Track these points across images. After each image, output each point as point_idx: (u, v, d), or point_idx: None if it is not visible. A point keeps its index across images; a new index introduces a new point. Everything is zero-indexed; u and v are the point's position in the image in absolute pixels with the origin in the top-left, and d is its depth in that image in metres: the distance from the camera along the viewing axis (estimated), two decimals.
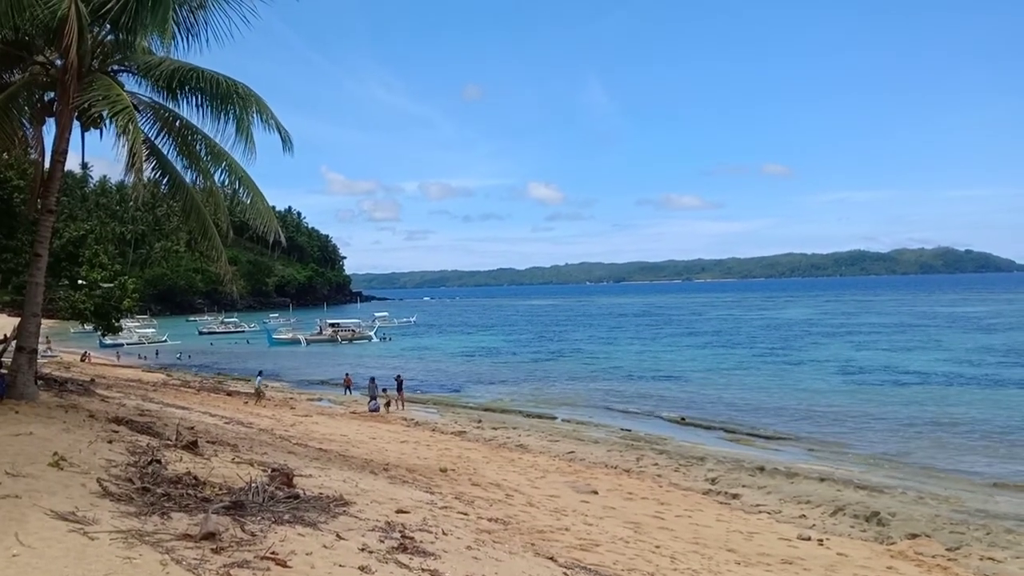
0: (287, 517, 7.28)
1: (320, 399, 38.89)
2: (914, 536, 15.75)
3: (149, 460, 8.83)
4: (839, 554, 13.83)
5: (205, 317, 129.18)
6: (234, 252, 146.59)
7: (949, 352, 57.57)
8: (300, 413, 29.93)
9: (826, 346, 66.58)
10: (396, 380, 35.73)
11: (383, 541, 7.29)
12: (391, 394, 34.78)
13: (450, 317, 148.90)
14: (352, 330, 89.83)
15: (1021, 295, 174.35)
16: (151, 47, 15.43)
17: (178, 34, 14.88)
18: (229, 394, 35.80)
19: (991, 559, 14.45)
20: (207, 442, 12.61)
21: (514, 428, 29.93)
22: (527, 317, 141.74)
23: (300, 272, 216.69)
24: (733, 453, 25.42)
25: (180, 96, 15.12)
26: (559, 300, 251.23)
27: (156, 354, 71.59)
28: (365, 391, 36.50)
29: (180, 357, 68.28)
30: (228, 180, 16.14)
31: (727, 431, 30.40)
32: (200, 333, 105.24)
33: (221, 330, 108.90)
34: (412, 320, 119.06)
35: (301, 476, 10.52)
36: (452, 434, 27.88)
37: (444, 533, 8.68)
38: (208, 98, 14.76)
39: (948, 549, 14.93)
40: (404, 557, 6.88)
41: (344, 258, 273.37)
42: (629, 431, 30.14)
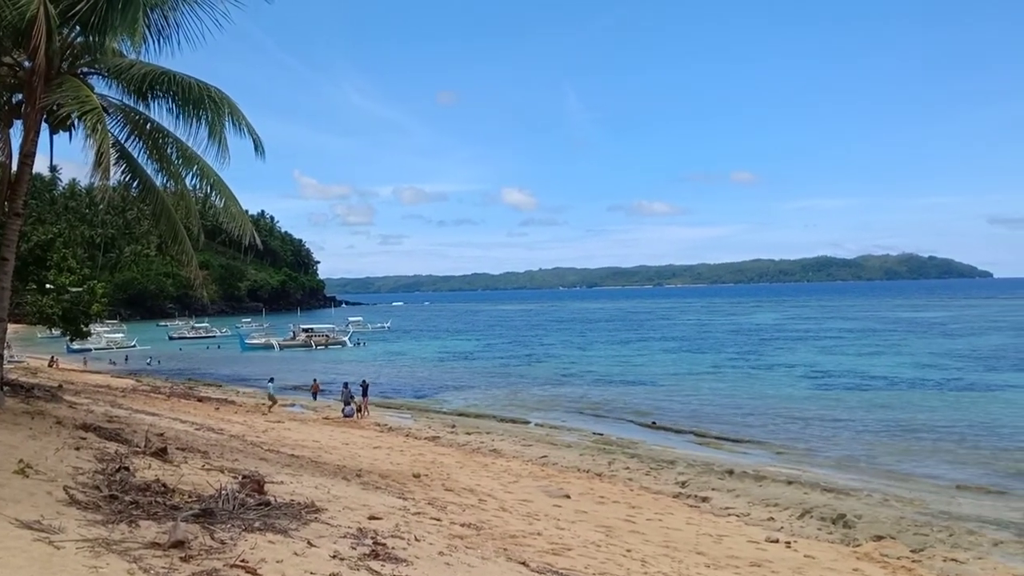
0: (258, 524, 7.27)
1: (293, 404, 38.62)
2: (879, 538, 15.99)
3: (117, 467, 8.77)
4: (806, 556, 14.00)
5: (176, 322, 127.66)
6: (206, 256, 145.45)
7: (912, 357, 58.47)
8: (272, 419, 29.72)
9: (793, 351, 67.33)
10: (361, 385, 35.51)
11: (355, 548, 7.29)
12: (356, 400, 34.63)
13: (424, 322, 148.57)
14: (326, 335, 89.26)
15: (981, 301, 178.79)
16: (121, 50, 15.31)
17: (149, 36, 14.76)
18: (200, 400, 35.45)
19: (954, 560, 14.71)
20: (177, 449, 12.53)
21: (488, 433, 29.95)
22: (501, 322, 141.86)
23: (273, 276, 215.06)
24: (703, 457, 25.66)
25: (151, 100, 15.01)
26: (532, 305, 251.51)
27: (125, 359, 70.74)
28: (338, 397, 36.32)
29: (150, 362, 67.50)
30: (200, 184, 16.03)
31: (697, 435, 30.64)
32: (170, 338, 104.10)
33: (192, 335, 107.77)
34: (386, 325, 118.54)
35: (272, 483, 10.49)
36: (426, 439, 27.83)
37: (416, 539, 8.69)
38: (180, 102, 14.66)
39: (912, 550, 15.18)
40: (376, 564, 6.89)
41: (318, 262, 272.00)
42: (601, 435, 30.30)
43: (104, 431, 12.99)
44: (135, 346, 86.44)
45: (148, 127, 15.68)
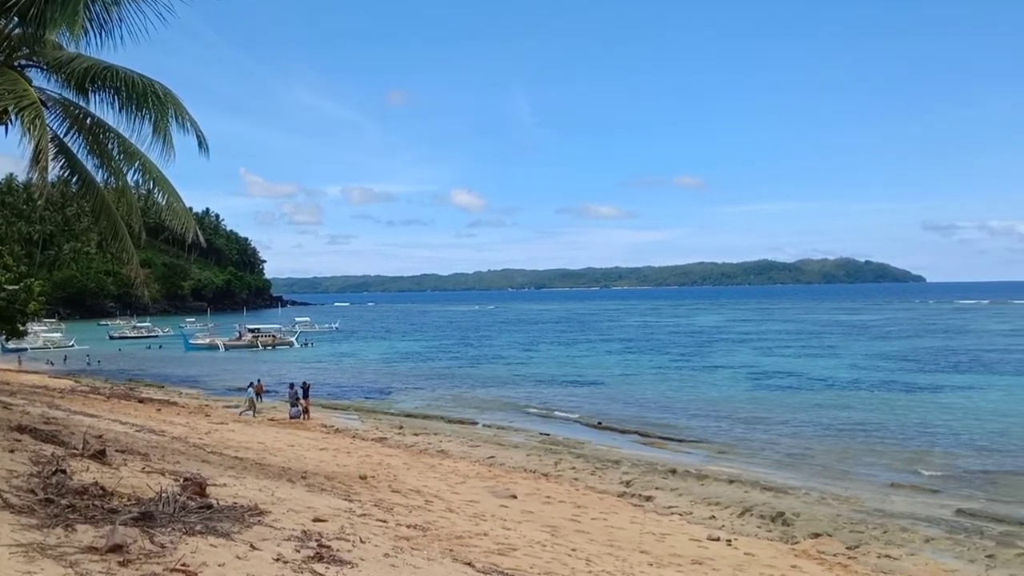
0: (199, 528, 7.18)
1: (237, 406, 38.04)
2: (817, 535, 16.41)
3: (53, 470, 8.58)
4: (746, 554, 14.30)
5: (117, 321, 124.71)
6: (148, 254, 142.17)
7: (849, 359, 59.97)
8: (216, 420, 29.26)
9: (735, 352, 68.53)
10: (303, 387, 35.11)
11: (299, 550, 7.24)
12: (302, 401, 34.18)
13: (373, 323, 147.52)
14: (273, 335, 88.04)
15: (914, 304, 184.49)
16: (61, 42, 14.96)
17: (90, 29, 14.44)
18: (141, 401, 34.71)
19: (888, 556, 15.17)
20: (116, 451, 12.29)
21: (435, 434, 29.91)
22: (449, 323, 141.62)
23: (218, 276, 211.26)
24: (647, 456, 26.02)
25: (93, 94, 14.70)
26: (481, 306, 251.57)
27: (64, 359, 68.84)
28: (285, 398, 35.86)
29: (89, 363, 65.82)
30: (142, 180, 15.73)
31: (642, 434, 31.03)
32: (111, 338, 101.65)
33: (133, 335, 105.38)
34: (335, 326, 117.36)
35: (215, 485, 10.36)
36: (373, 440, 27.69)
37: (362, 541, 8.66)
38: (123, 97, 14.38)
39: (848, 548, 15.60)
40: (320, 566, 6.86)
41: (264, 262, 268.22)
42: (548, 435, 30.50)
43: (40, 433, 12.67)
44: (73, 345, 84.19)
45: (89, 122, 15.34)
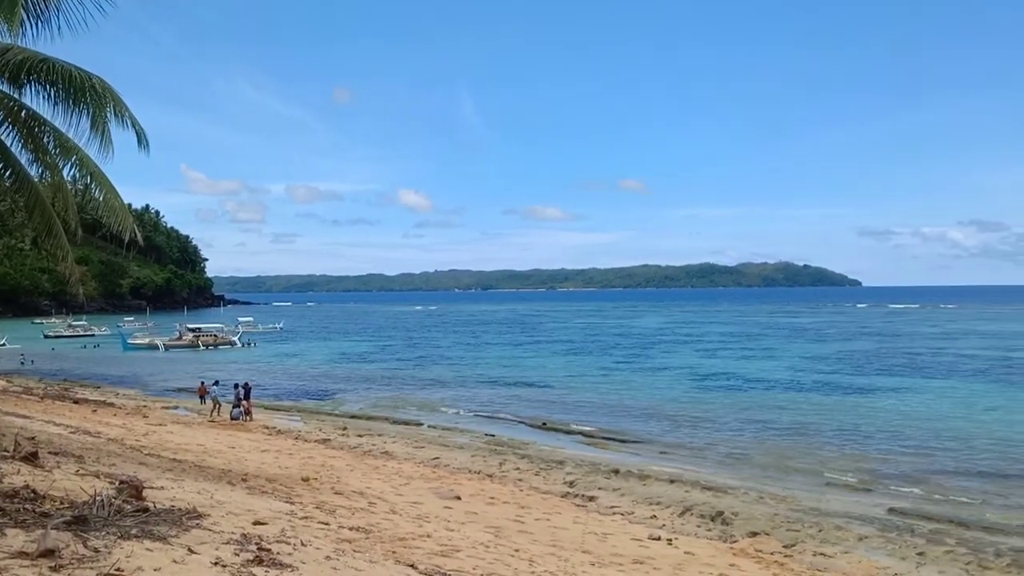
0: (135, 531, 7.06)
1: (176, 407, 37.35)
2: (754, 534, 16.77)
3: None
4: (686, 553, 14.54)
5: (52, 320, 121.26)
6: (85, 252, 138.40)
7: (787, 361, 61.27)
8: (154, 422, 28.69)
9: (677, 354, 69.49)
10: (244, 387, 34.62)
11: (238, 554, 7.17)
12: (244, 403, 33.68)
13: (318, 323, 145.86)
14: (214, 335, 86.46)
15: (850, 308, 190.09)
16: None
17: (26, 20, 14.06)
18: (76, 402, 33.86)
19: (823, 554, 15.57)
20: (49, 453, 11.99)
21: (380, 435, 29.75)
22: (395, 323, 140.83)
23: (158, 274, 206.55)
24: (590, 456, 26.26)
25: (28, 87, 14.29)
26: (428, 306, 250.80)
27: None
28: (228, 399, 35.25)
29: (23, 362, 63.82)
30: (79, 175, 15.37)
31: (585, 435, 31.31)
32: (45, 336, 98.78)
33: (69, 334, 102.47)
34: (279, 326, 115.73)
35: (152, 488, 10.18)
36: (316, 442, 27.43)
37: (303, 544, 8.60)
38: (60, 91, 14.02)
39: (785, 546, 15.98)
40: (259, 570, 6.80)
41: (206, 260, 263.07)
42: (493, 436, 30.57)
43: None
44: (5, 344, 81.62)
45: (23, 115, 14.91)
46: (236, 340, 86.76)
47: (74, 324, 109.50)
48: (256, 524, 9.30)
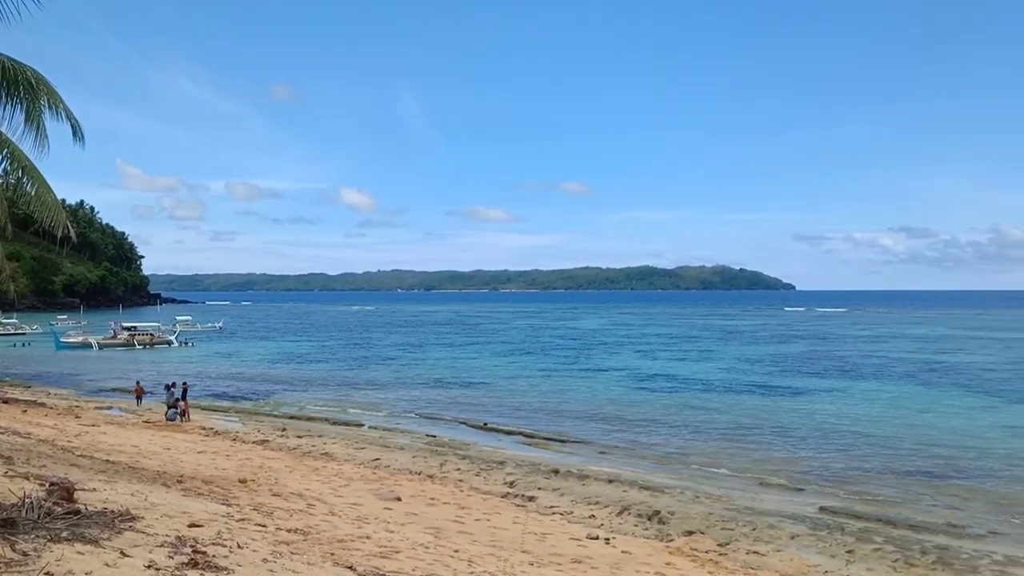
0: (65, 534, 6.95)
1: (110, 407, 36.44)
2: (690, 533, 17.10)
3: None
4: (624, 552, 14.77)
5: None
6: (16, 247, 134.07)
7: (723, 362, 62.53)
8: (86, 422, 27.99)
9: (618, 355, 70.36)
10: (182, 387, 34.00)
11: (172, 557, 7.10)
12: (181, 403, 33.06)
13: (258, 322, 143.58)
14: (150, 334, 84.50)
15: (782, 311, 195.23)
16: None
17: None
18: (5, 402, 32.83)
19: (756, 553, 15.94)
20: None
21: (320, 436, 29.48)
22: (337, 323, 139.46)
23: (92, 271, 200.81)
24: (531, 457, 26.44)
25: None
26: (370, 306, 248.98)
27: None
28: (162, 399, 34.54)
29: None
30: (10, 169, 14.95)
31: (526, 435, 31.49)
32: None
33: None
34: (218, 325, 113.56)
35: (84, 490, 9.99)
36: (254, 443, 27.07)
37: (239, 546, 8.54)
38: None
39: (719, 544, 16.33)
40: (194, 573, 6.75)
41: (142, 257, 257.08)
42: (434, 437, 30.55)
43: None
44: None
45: None
46: (173, 339, 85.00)
47: (4, 322, 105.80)
48: (192, 526, 9.20)
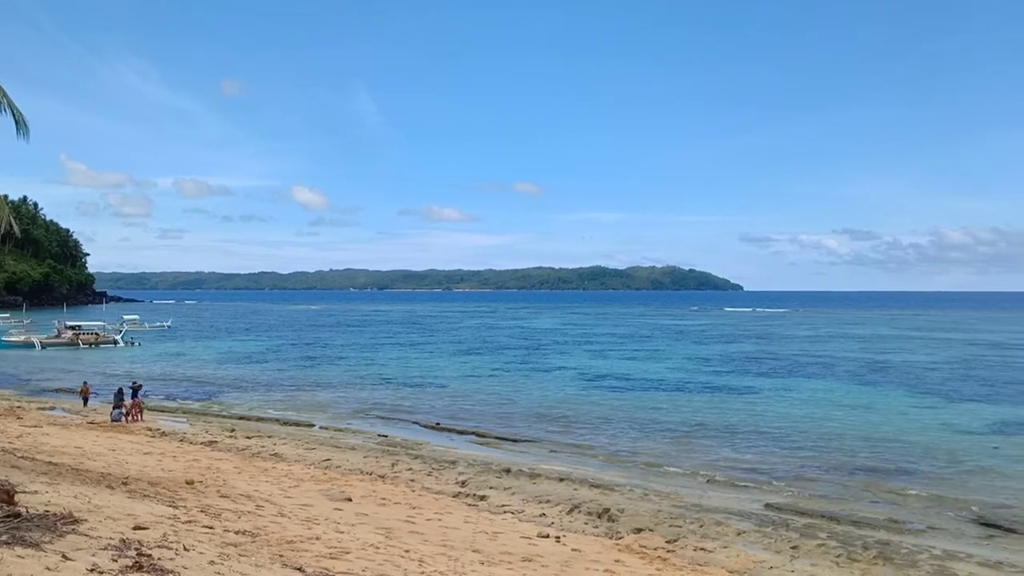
0: (5, 538, 6.83)
1: (53, 408, 35.61)
2: (639, 530, 17.30)
3: None
4: (574, 550, 14.92)
5: None
6: None
7: (672, 362, 63.41)
8: (28, 423, 27.34)
9: (570, 354, 70.88)
10: (132, 387, 33.37)
11: (116, 560, 7.02)
12: (127, 403, 32.50)
13: (207, 321, 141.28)
14: (95, 333, 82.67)
15: (729, 310, 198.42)
16: None
17: None
18: None
19: (703, 549, 16.21)
20: None
21: (269, 437, 29.16)
22: (288, 322, 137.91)
23: (35, 269, 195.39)
24: (483, 456, 26.50)
25: None
26: (322, 305, 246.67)
27: None
28: (110, 400, 33.85)
29: None
30: None
31: (478, 435, 31.58)
32: None
33: None
34: (167, 324, 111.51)
35: (25, 493, 9.80)
36: (202, 444, 26.72)
37: (186, 549, 8.47)
38: None
39: (668, 541, 16.56)
40: None
41: (87, 255, 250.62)
42: (386, 437, 30.47)
43: None
44: None
45: None
46: (119, 339, 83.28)
47: None
48: (136, 529, 9.09)
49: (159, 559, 7.43)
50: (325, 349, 77.95)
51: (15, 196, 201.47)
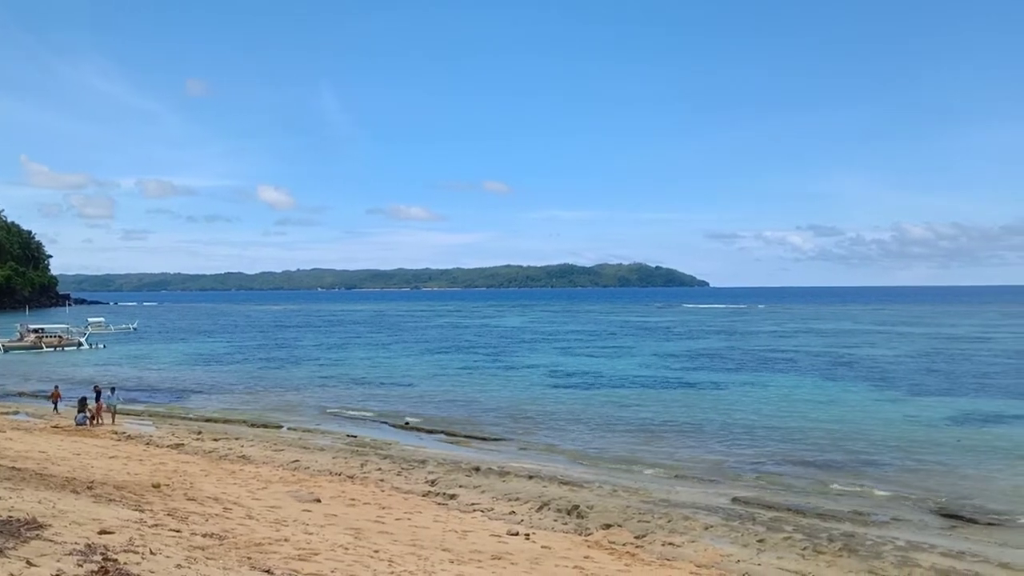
0: None
1: (16, 412, 35.04)
2: (608, 526, 17.47)
3: None
4: (543, 547, 15.02)
5: None
6: None
7: (640, 358, 63.84)
8: None
9: (539, 352, 71.13)
10: (95, 391, 32.90)
11: (81, 565, 6.98)
12: (91, 406, 32.07)
13: (172, 323, 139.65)
14: (59, 336, 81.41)
15: (695, 307, 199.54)
16: None
17: None
18: None
19: (671, 544, 16.39)
20: None
21: (237, 439, 28.96)
22: (255, 323, 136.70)
23: None
24: (452, 455, 26.55)
25: None
26: (289, 306, 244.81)
27: None
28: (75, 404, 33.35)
29: None
30: None
31: (448, 434, 31.62)
32: None
33: None
34: (132, 326, 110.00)
35: None
36: (168, 447, 26.47)
37: (152, 552, 8.42)
38: None
39: (636, 537, 16.73)
40: None
41: (50, 257, 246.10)
42: (355, 437, 30.38)
43: None
44: None
45: None
46: (83, 341, 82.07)
47: None
48: (102, 533, 9.02)
49: (125, 563, 7.39)
50: (293, 350, 77.39)
51: None
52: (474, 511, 18.61)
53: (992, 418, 33.74)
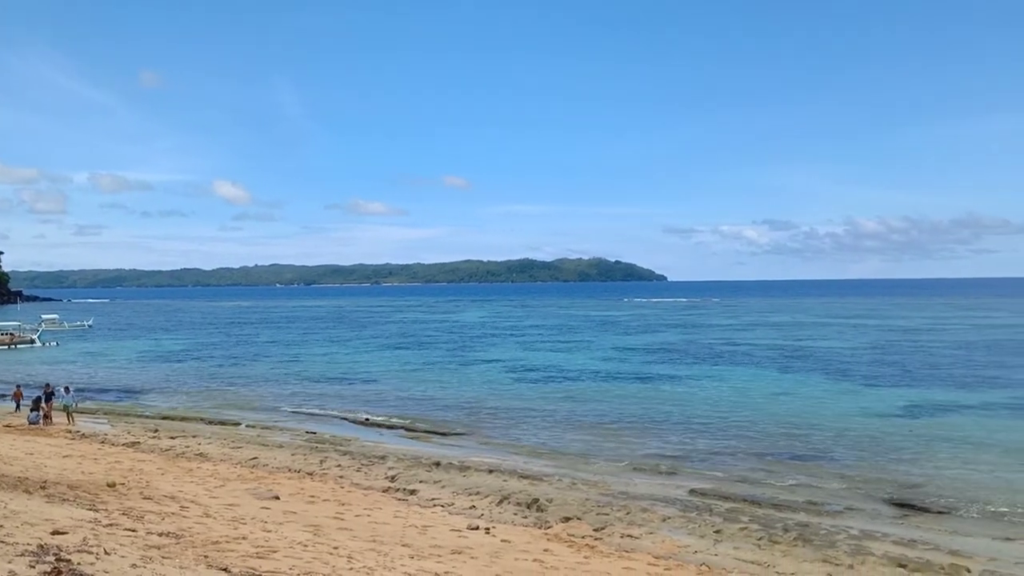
0: None
1: None
2: (567, 519, 17.63)
3: None
4: (503, 541, 15.12)
5: None
6: None
7: (600, 352, 64.33)
8: None
9: (499, 347, 71.37)
10: (44, 391, 32.28)
11: (34, 566, 6.90)
12: (43, 406, 31.42)
13: (128, 320, 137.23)
14: (10, 334, 79.72)
15: (652, 302, 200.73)
16: None
17: None
18: None
19: (630, 536, 16.61)
20: None
21: (194, 436, 28.65)
22: (212, 319, 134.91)
23: None
24: (413, 450, 26.57)
25: None
26: (247, 302, 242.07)
27: None
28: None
29: None
30: None
31: (408, 429, 31.64)
32: None
33: None
34: (88, 324, 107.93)
35: None
36: (124, 446, 26.10)
37: (107, 552, 8.34)
38: None
39: (595, 529, 16.92)
40: None
41: (1, 253, 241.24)
42: (314, 433, 30.23)
43: None
44: None
45: None
46: (36, 339, 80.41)
47: None
48: (55, 533, 8.92)
49: (79, 564, 7.33)
50: (250, 347, 76.59)
51: None
52: (434, 506, 18.66)
53: (942, 408, 34.59)
